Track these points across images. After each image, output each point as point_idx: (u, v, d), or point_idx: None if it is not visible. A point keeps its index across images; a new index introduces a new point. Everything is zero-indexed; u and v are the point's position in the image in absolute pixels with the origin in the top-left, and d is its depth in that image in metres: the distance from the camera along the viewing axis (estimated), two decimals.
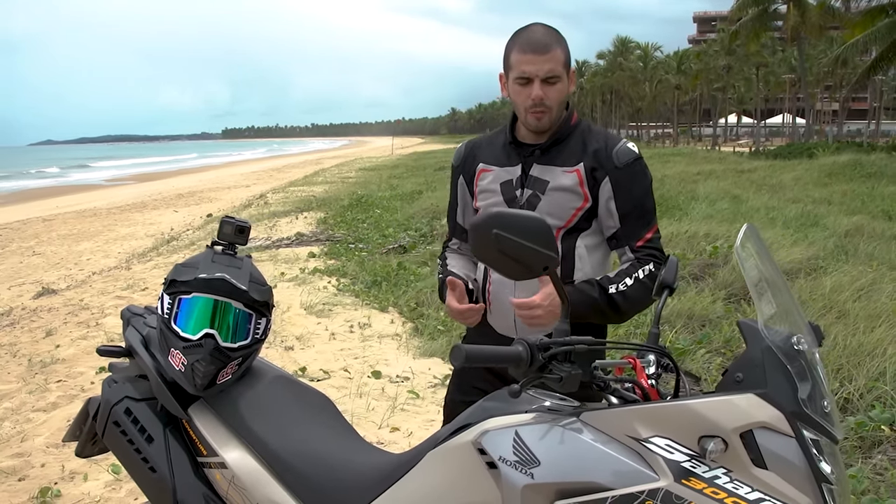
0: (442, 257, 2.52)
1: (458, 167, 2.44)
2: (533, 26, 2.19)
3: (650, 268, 2.17)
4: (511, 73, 2.17)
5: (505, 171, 2.27)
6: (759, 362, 1.45)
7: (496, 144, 2.35)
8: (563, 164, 2.21)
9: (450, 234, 2.56)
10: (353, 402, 4.88)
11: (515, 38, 2.18)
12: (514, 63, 2.15)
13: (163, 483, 2.08)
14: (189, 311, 2.06)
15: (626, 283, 2.13)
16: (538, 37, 2.14)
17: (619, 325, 6.03)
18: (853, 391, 4.51)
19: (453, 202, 2.50)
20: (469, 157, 2.40)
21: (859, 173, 20.07)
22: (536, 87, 2.13)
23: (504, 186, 2.26)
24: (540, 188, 2.21)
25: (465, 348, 1.43)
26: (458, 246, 2.53)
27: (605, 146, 2.22)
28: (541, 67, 2.11)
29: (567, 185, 2.20)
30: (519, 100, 2.18)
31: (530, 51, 2.12)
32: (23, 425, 4.74)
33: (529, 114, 2.17)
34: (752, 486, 1.40)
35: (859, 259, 8.38)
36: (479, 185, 2.33)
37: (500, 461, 1.53)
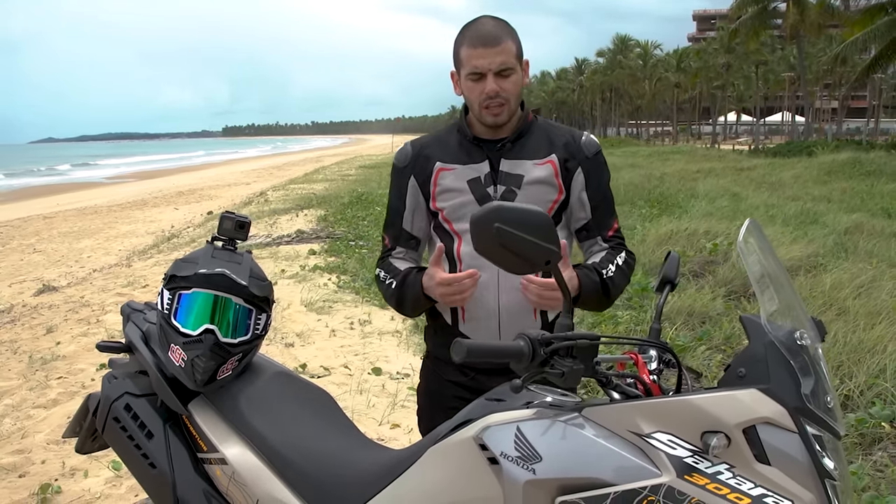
0: (384, 266, 2.29)
1: (405, 168, 2.26)
2: (481, 19, 2.13)
3: (624, 255, 2.22)
4: (463, 69, 2.11)
5: (470, 169, 2.18)
6: (762, 357, 1.45)
7: (450, 143, 2.24)
8: (533, 157, 2.18)
9: (392, 244, 2.32)
10: (353, 399, 4.89)
11: (464, 32, 2.11)
12: (465, 58, 2.08)
13: (163, 479, 2.08)
14: (189, 306, 2.06)
15: (611, 270, 2.16)
16: (488, 29, 2.07)
17: (619, 322, 6.04)
18: (853, 388, 4.52)
19: (398, 207, 2.28)
20: (420, 158, 2.24)
21: (859, 171, 20.12)
22: (490, 82, 2.07)
23: (472, 184, 2.16)
24: (514, 183, 2.15)
25: (467, 343, 1.42)
26: (402, 255, 2.31)
27: (572, 138, 2.23)
28: (493, 60, 2.05)
29: (543, 178, 2.16)
30: (473, 96, 2.11)
31: (481, 45, 2.05)
32: (23, 422, 4.75)
33: (484, 109, 2.10)
34: (754, 482, 1.40)
35: (859, 256, 8.40)
36: (440, 185, 2.19)
37: (502, 457, 1.52)
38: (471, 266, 2.11)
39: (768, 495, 1.39)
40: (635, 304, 6.70)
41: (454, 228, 2.18)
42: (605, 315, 6.22)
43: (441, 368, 2.29)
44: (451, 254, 2.18)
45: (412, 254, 2.32)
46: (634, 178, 19.85)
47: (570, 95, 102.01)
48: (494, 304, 2.13)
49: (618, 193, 11.56)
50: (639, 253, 8.84)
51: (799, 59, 44.03)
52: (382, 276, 2.27)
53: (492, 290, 2.13)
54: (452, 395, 2.23)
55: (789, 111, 67.33)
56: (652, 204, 14.14)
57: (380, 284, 2.29)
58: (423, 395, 2.40)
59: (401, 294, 2.19)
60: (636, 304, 6.66)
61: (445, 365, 2.26)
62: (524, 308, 2.12)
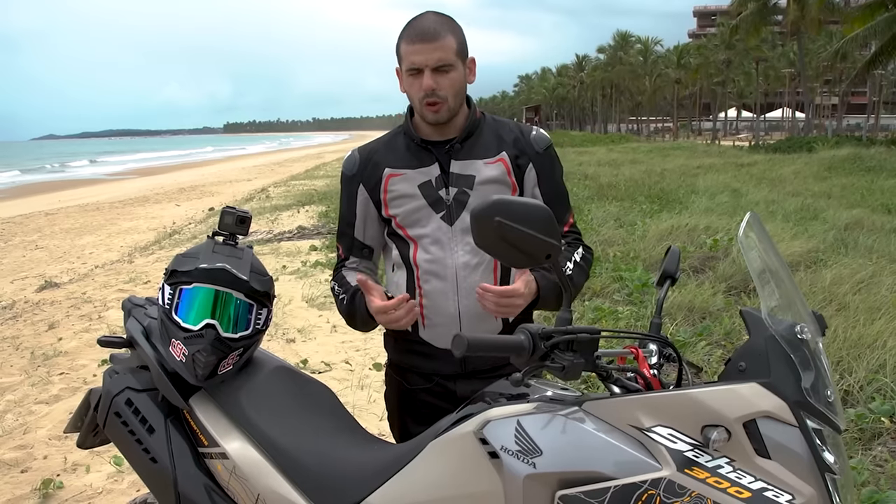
0: (337, 278, 2.25)
1: (354, 177, 2.20)
2: (423, 14, 2.07)
3: (581, 251, 2.19)
4: (403, 65, 2.06)
5: (419, 173, 2.12)
6: (763, 351, 1.45)
7: (397, 148, 2.18)
8: (484, 157, 2.13)
9: (345, 254, 2.27)
10: (354, 395, 4.91)
11: (405, 28, 2.07)
12: (404, 54, 2.04)
13: (164, 474, 2.08)
14: (190, 301, 2.06)
15: (569, 268, 2.12)
16: (427, 24, 2.02)
17: (620, 317, 6.05)
18: (853, 383, 4.52)
19: (349, 216, 2.24)
20: (368, 165, 2.18)
21: (859, 167, 20.11)
22: (427, 77, 2.02)
23: (423, 188, 2.11)
24: (466, 184, 2.11)
25: (467, 337, 1.42)
26: (356, 264, 2.27)
27: (521, 134, 2.19)
28: (430, 56, 2.00)
29: (495, 177, 2.12)
30: (412, 92, 2.07)
31: (419, 40, 2.00)
32: (25, 417, 4.77)
33: (424, 106, 2.06)
34: (755, 476, 1.40)
35: (859, 252, 8.40)
36: (390, 191, 2.14)
37: (503, 451, 1.53)
38: (428, 271, 2.10)
39: (768, 489, 1.39)
40: (636, 299, 6.71)
41: (409, 234, 2.14)
42: (605, 310, 6.23)
43: (403, 375, 2.27)
44: (408, 260, 2.14)
45: (366, 263, 2.27)
46: (635, 174, 19.87)
47: (571, 92, 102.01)
48: (454, 310, 2.09)
49: (619, 189, 11.65)
50: (639, 248, 8.89)
51: (799, 55, 44.04)
52: (336, 289, 2.24)
53: (451, 296, 2.10)
54: (419, 400, 2.23)
55: (789, 107, 67.43)
56: (652, 200, 14.14)
57: (334, 298, 2.26)
58: (389, 403, 2.38)
59: (350, 310, 2.17)
60: (637, 300, 6.67)
61: (407, 372, 2.25)
62: (484, 312, 2.05)
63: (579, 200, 13.83)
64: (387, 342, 2.34)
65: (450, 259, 2.09)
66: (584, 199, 14.26)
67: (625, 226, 10.87)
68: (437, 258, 2.10)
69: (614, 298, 6.90)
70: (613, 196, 14.85)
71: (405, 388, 2.27)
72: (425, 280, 2.12)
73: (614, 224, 11.03)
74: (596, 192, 15.54)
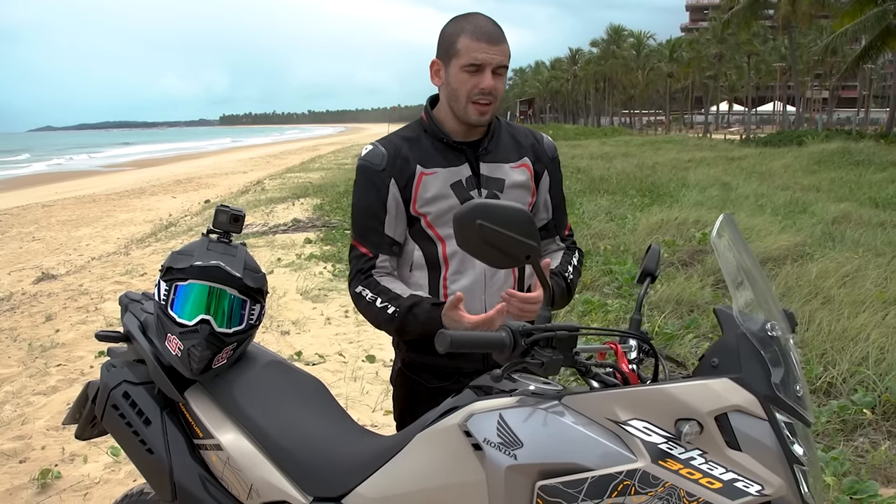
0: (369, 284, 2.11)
1: (384, 171, 2.11)
2: (479, 16, 2.08)
3: (578, 255, 2.28)
4: (458, 59, 2.03)
5: (450, 173, 2.12)
6: (734, 348, 1.50)
7: (424, 145, 2.15)
8: (508, 161, 2.16)
9: (373, 252, 2.13)
10: (347, 386, 4.94)
11: (462, 24, 2.05)
12: (464, 49, 2.02)
13: (160, 464, 2.12)
14: (185, 297, 2.09)
15: (569, 271, 2.20)
16: (491, 27, 2.04)
17: (609, 311, 6.11)
18: (836, 375, 4.59)
19: (378, 212, 2.12)
20: (397, 160, 2.12)
21: (848, 161, 20.16)
22: (488, 77, 2.02)
23: (455, 188, 2.11)
24: (497, 187, 2.13)
25: (450, 334, 1.47)
26: (387, 263, 2.16)
27: (535, 140, 2.24)
28: (494, 57, 2.02)
29: (521, 182, 2.17)
30: (464, 88, 2.04)
31: (485, 39, 2.01)
32: (23, 409, 4.79)
33: (472, 104, 2.05)
34: (726, 467, 1.45)
35: (846, 246, 8.47)
36: (423, 189, 2.11)
37: (485, 443, 1.56)
38: (457, 269, 2.11)
39: (739, 480, 1.44)
40: (625, 292, 6.76)
41: (439, 234, 2.13)
42: (595, 303, 6.28)
43: (422, 375, 2.23)
44: (436, 259, 2.14)
45: (394, 261, 2.18)
46: (627, 168, 19.90)
47: (565, 85, 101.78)
48: (482, 307, 2.10)
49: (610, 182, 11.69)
50: (629, 242, 8.94)
51: (790, 49, 44.12)
52: (369, 296, 2.10)
53: (478, 294, 2.12)
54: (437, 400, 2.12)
55: (780, 101, 67.42)
56: (643, 193, 14.18)
57: (364, 304, 2.12)
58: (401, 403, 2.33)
59: (406, 323, 2.05)
60: (626, 293, 6.72)
61: (426, 372, 2.22)
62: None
63: (571, 194, 13.85)
64: (401, 343, 2.27)
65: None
66: (577, 192, 14.28)
67: (616, 219, 10.90)
68: (466, 256, 2.08)
69: (604, 291, 6.95)
70: (605, 189, 14.88)
71: (422, 389, 2.23)
72: (454, 280, 2.12)
73: (605, 217, 11.06)
74: (588, 186, 15.56)
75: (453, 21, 2.10)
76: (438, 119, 2.17)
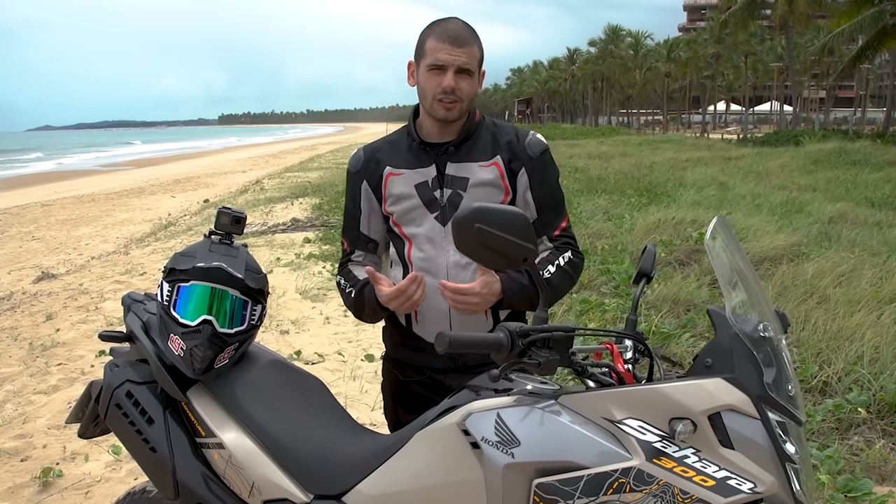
0: (343, 273, 2.32)
1: (358, 173, 2.29)
2: (452, 20, 2.16)
3: (569, 255, 2.22)
4: (424, 60, 2.13)
5: (417, 174, 2.20)
6: (727, 348, 1.52)
7: (399, 147, 2.26)
8: (479, 160, 2.20)
9: (350, 248, 2.35)
10: (346, 385, 4.96)
11: (433, 27, 2.14)
12: (429, 50, 2.11)
13: (163, 462, 2.14)
14: (187, 298, 2.12)
15: (549, 271, 2.15)
16: (458, 29, 2.12)
17: (607, 310, 6.12)
18: (832, 374, 4.60)
19: (354, 211, 2.32)
20: (371, 163, 2.27)
21: (844, 161, 20.20)
22: (449, 77, 2.09)
23: (419, 188, 2.19)
24: (460, 186, 2.18)
25: (449, 335, 1.49)
26: (362, 258, 2.34)
27: (516, 138, 2.25)
28: (456, 58, 2.09)
29: (488, 180, 2.19)
30: (429, 87, 2.13)
31: (449, 41, 2.09)
32: (24, 407, 4.81)
33: (437, 102, 2.12)
34: (719, 465, 1.47)
35: (842, 245, 8.48)
36: (389, 189, 2.22)
37: (483, 441, 1.59)
38: (421, 269, 2.16)
39: (732, 477, 1.47)
40: (623, 292, 6.77)
41: (404, 232, 2.22)
42: (592, 303, 6.30)
43: (398, 368, 2.34)
44: (403, 257, 2.23)
45: (371, 256, 2.34)
46: (624, 167, 19.92)
47: (563, 85, 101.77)
48: (446, 306, 2.13)
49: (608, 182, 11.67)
50: (627, 242, 8.95)
51: (787, 49, 44.12)
52: (343, 283, 2.30)
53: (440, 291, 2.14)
54: (412, 392, 2.30)
55: (778, 101, 67.46)
56: (641, 193, 14.18)
57: (340, 291, 2.32)
58: (385, 394, 2.45)
59: (358, 303, 2.22)
60: (624, 293, 6.73)
61: (401, 365, 2.32)
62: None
63: (569, 194, 13.86)
64: (385, 335, 2.40)
65: (442, 258, 2.16)
66: (574, 192, 14.29)
67: (613, 219, 10.91)
68: (429, 256, 2.17)
69: (602, 291, 6.96)
70: (603, 189, 14.89)
71: (400, 381, 2.33)
72: None
73: (603, 217, 11.08)
74: (586, 186, 15.57)
75: (427, 25, 2.18)
76: (419, 122, 2.25)
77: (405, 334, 2.25)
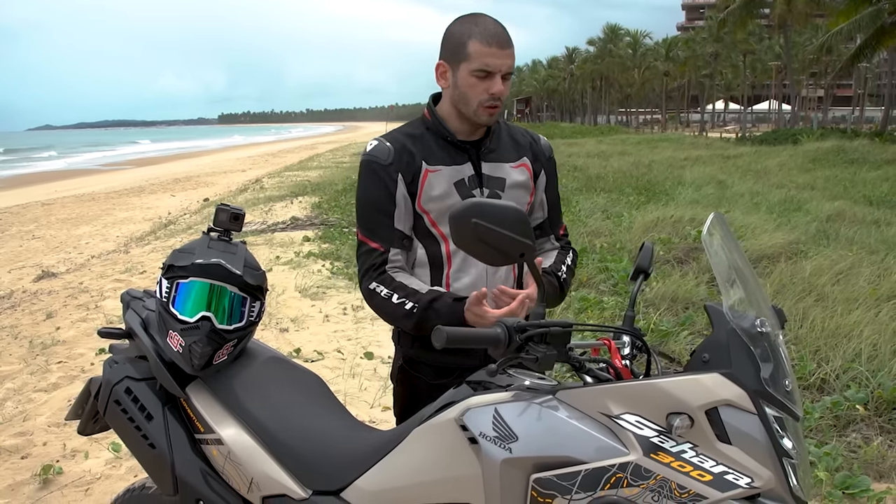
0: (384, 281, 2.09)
1: (391, 165, 2.11)
2: (487, 18, 2.07)
3: (572, 255, 2.30)
4: (468, 63, 2.03)
5: (454, 171, 2.13)
6: (725, 344, 1.52)
7: (428, 142, 2.15)
8: (508, 160, 2.19)
9: (385, 246, 2.12)
10: (346, 383, 4.97)
11: (470, 27, 2.04)
12: (475, 54, 2.01)
13: (162, 459, 2.15)
14: (186, 294, 2.12)
15: (563, 271, 2.22)
16: (500, 30, 2.04)
17: (605, 308, 6.14)
18: (830, 372, 4.62)
19: (387, 206, 2.11)
20: (405, 155, 2.12)
21: (842, 159, 20.24)
22: (498, 82, 2.04)
23: (458, 186, 2.12)
24: (498, 186, 2.15)
25: (446, 330, 1.50)
26: (399, 257, 2.14)
27: (532, 140, 2.27)
28: (504, 62, 2.03)
29: (521, 181, 2.19)
30: (474, 93, 2.05)
31: (496, 44, 2.01)
32: (25, 405, 4.82)
33: (483, 108, 2.06)
34: (716, 460, 1.48)
35: (840, 243, 8.51)
36: (427, 186, 2.12)
37: (481, 437, 1.60)
38: (460, 266, 2.13)
39: (729, 472, 1.47)
40: (621, 290, 6.79)
41: (442, 232, 2.14)
42: (591, 301, 6.31)
43: (420, 370, 2.25)
44: (438, 256, 2.15)
45: (405, 256, 2.16)
46: (623, 166, 19.93)
47: (562, 84, 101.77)
48: None
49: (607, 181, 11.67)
50: (626, 240, 8.97)
51: (785, 48, 44.20)
52: (384, 292, 2.08)
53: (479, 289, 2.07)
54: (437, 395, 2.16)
55: (776, 99, 67.64)
56: (639, 191, 14.20)
57: (379, 301, 2.11)
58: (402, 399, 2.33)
59: (425, 318, 2.02)
60: (622, 290, 6.75)
61: (425, 366, 2.24)
62: None
63: (568, 192, 13.88)
64: (403, 340, 2.27)
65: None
66: (573, 190, 14.31)
67: (612, 217, 10.93)
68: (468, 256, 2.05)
69: (600, 289, 6.98)
70: (601, 187, 14.91)
71: (424, 385, 2.23)
72: (457, 277, 2.14)
73: (601, 215, 11.10)
74: (584, 184, 15.59)
75: (460, 22, 2.08)
76: (442, 117, 2.17)
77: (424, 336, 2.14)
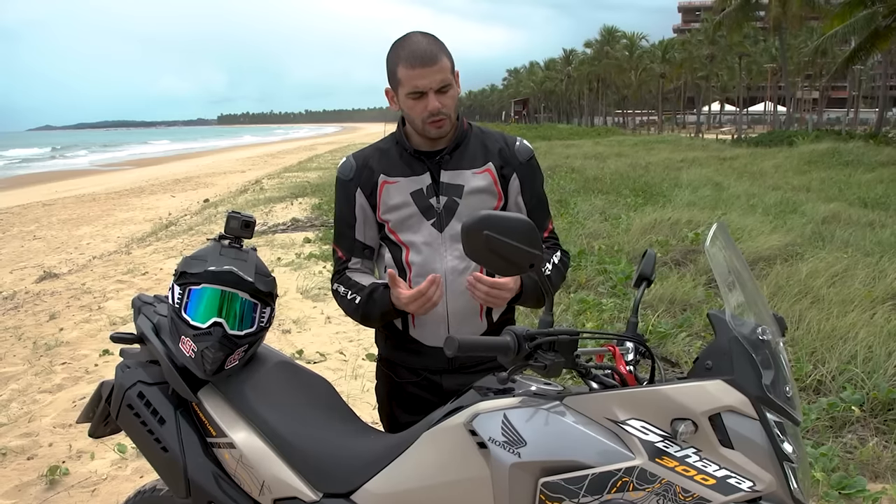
0: (342, 281, 2.30)
1: (351, 181, 2.28)
2: (412, 36, 2.13)
3: (559, 255, 2.32)
4: (401, 88, 2.12)
5: (411, 181, 2.22)
6: (727, 351, 1.57)
7: (390, 156, 2.27)
8: (471, 167, 2.23)
9: (346, 255, 2.32)
10: (348, 384, 4.99)
11: (397, 51, 2.12)
12: (404, 79, 2.10)
13: (174, 462, 2.18)
14: (198, 301, 2.15)
15: (548, 269, 2.25)
16: (423, 48, 2.09)
17: (604, 310, 6.17)
18: (826, 374, 4.64)
19: (349, 219, 2.30)
20: (364, 170, 2.26)
21: (837, 161, 20.28)
22: (433, 100, 2.10)
23: (415, 196, 2.21)
24: (455, 193, 2.21)
25: (458, 338, 1.54)
26: (359, 265, 2.32)
27: (505, 144, 2.29)
28: (433, 79, 2.08)
29: (482, 187, 2.23)
30: (415, 113, 2.14)
31: (419, 64, 2.07)
32: (30, 406, 4.84)
33: (428, 125, 2.14)
34: (719, 465, 1.53)
35: (835, 245, 8.52)
36: (384, 197, 2.24)
37: (490, 441, 1.64)
38: (419, 273, 2.20)
39: (731, 476, 1.52)
40: (619, 291, 6.80)
41: (401, 239, 2.24)
42: (590, 302, 6.34)
43: (393, 370, 2.37)
44: (401, 263, 2.25)
45: (367, 263, 2.34)
46: (620, 168, 19.94)
47: (559, 85, 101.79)
48: (443, 310, 2.19)
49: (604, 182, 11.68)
50: (623, 242, 9.00)
51: (781, 50, 44.29)
52: (342, 291, 2.28)
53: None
54: (408, 392, 2.34)
55: (772, 101, 67.78)
56: (637, 193, 14.20)
57: (339, 299, 2.31)
58: (379, 395, 2.48)
59: (367, 309, 2.21)
60: (620, 292, 6.76)
61: (397, 367, 2.36)
62: (471, 311, 2.21)
63: (565, 194, 13.91)
64: (378, 339, 2.43)
65: (439, 263, 2.20)
66: (570, 192, 14.32)
67: (609, 219, 10.93)
68: (427, 262, 2.20)
69: (599, 291, 6.99)
70: (599, 189, 14.90)
71: (395, 382, 2.37)
72: (416, 283, 2.17)
73: (599, 217, 11.10)
74: (582, 186, 15.58)
75: (392, 49, 2.16)
76: (408, 132, 2.26)
77: (401, 337, 2.29)
